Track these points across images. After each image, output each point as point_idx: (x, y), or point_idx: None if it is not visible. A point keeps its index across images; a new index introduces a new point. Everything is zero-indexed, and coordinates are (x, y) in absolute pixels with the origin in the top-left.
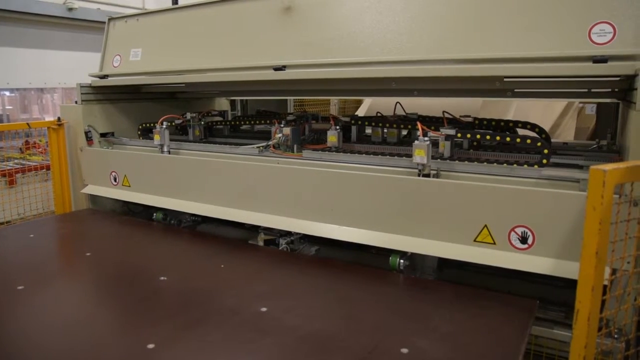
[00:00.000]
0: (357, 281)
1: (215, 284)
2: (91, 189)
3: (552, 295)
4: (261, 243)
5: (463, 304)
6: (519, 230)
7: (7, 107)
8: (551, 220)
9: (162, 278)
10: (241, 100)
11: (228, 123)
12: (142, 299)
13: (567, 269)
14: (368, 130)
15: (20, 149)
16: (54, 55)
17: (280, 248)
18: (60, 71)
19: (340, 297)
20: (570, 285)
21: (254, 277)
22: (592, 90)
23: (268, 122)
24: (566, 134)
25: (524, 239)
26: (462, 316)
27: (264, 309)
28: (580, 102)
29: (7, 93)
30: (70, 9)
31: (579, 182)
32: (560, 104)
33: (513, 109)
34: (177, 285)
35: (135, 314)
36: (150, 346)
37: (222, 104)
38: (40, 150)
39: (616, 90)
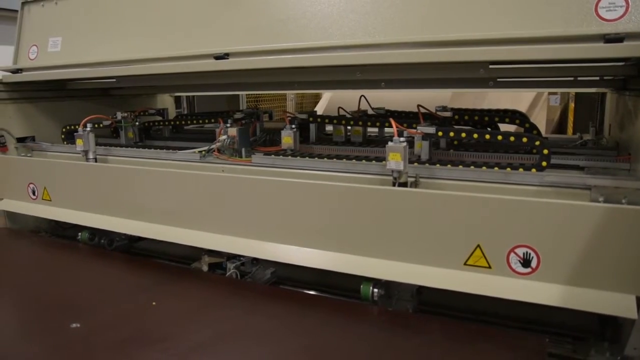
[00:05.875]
0: (323, 320)
1: (141, 331)
2: (6, 205)
3: (547, 315)
4: (205, 267)
5: (457, 349)
6: (520, 251)
7: None
8: (559, 238)
9: (74, 325)
10: (187, 97)
11: (168, 123)
12: (41, 357)
13: (580, 299)
14: (328, 128)
15: None
16: None
17: (227, 274)
18: None
19: (303, 346)
20: None
21: (192, 320)
22: (579, 78)
23: (213, 121)
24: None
25: (526, 262)
26: None
27: None
28: (549, 93)
29: None
30: None
31: (591, 190)
32: (529, 94)
33: (486, 100)
34: (92, 335)
35: None
36: None
37: (166, 101)
38: None
39: (606, 77)
